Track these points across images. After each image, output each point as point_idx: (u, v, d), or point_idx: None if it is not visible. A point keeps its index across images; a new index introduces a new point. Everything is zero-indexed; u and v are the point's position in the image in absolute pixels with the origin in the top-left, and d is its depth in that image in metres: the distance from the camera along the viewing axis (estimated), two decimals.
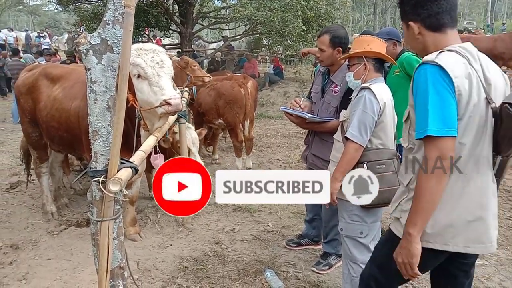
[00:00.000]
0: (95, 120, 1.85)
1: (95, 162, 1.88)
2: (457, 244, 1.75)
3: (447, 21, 1.75)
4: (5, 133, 9.29)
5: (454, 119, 1.62)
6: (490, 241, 1.77)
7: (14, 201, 5.03)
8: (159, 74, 2.89)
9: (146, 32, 11.91)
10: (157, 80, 2.86)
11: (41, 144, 4.43)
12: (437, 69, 1.64)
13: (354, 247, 2.66)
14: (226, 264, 3.55)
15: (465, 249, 1.76)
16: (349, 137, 2.47)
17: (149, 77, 2.88)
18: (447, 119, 1.61)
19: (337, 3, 10.84)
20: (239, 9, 8.81)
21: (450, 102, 1.62)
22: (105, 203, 1.87)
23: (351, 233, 2.66)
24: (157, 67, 2.92)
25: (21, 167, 6.40)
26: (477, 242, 1.76)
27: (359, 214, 2.60)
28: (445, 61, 1.64)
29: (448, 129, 1.60)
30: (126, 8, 1.71)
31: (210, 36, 28.46)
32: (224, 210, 4.71)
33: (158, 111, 2.84)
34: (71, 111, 3.73)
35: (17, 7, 42.67)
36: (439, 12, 1.73)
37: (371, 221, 2.63)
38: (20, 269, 3.48)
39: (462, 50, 1.71)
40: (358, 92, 2.58)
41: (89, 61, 1.80)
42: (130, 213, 4.01)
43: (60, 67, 4.55)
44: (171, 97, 2.78)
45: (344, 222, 2.69)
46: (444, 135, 1.60)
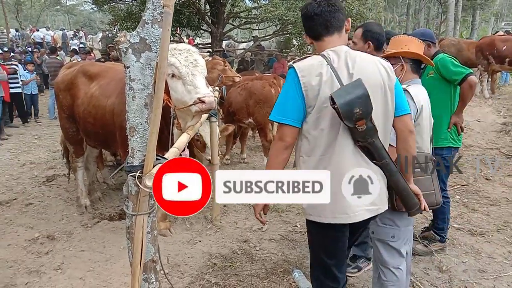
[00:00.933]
0: (133, 116, 1.89)
1: (132, 157, 1.93)
2: (325, 216, 2.06)
3: (322, 32, 2.12)
4: (42, 128, 9.64)
5: (292, 111, 2.04)
6: (353, 212, 2.04)
7: (50, 194, 5.23)
8: (193, 73, 2.94)
9: (177, 32, 12.07)
10: (191, 79, 2.91)
11: (77, 139, 4.58)
12: (292, 70, 2.06)
13: (385, 251, 2.60)
14: (254, 263, 3.57)
15: (333, 219, 2.06)
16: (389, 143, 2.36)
17: (183, 76, 2.93)
18: (283, 110, 2.06)
19: (369, 3, 10.67)
20: (270, 9, 8.81)
21: (292, 97, 2.03)
22: (141, 197, 1.92)
23: (383, 236, 2.60)
24: (191, 66, 2.97)
25: (56, 161, 6.68)
26: (342, 213, 2.04)
27: (391, 218, 2.54)
28: (299, 63, 2.06)
29: (283, 117, 2.05)
30: (165, 7, 1.75)
31: (240, 36, 28.60)
32: (252, 209, 4.73)
33: (192, 109, 2.89)
34: (107, 108, 3.83)
35: (55, 7, 44.15)
36: (311, 27, 2.15)
37: (403, 225, 2.57)
38: (55, 259, 3.61)
39: (328, 53, 2.07)
40: None
41: (128, 59, 1.85)
42: (160, 209, 4.05)
43: (98, 65, 4.67)
44: (205, 95, 2.83)
45: (376, 225, 2.62)
46: (279, 122, 2.07)
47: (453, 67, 3.38)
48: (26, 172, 6.19)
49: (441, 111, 3.39)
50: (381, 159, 2.07)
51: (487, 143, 7.38)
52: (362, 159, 2.06)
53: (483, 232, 4.12)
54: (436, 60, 3.47)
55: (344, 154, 2.03)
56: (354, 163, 2.04)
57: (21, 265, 3.52)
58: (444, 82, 3.48)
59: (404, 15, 33.17)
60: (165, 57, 1.79)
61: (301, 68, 2.04)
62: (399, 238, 2.57)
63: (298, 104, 2.03)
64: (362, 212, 2.08)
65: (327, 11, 2.09)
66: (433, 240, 3.75)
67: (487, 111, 8.77)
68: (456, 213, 4.59)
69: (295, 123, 2.05)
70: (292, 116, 2.05)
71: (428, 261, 3.61)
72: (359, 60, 2.07)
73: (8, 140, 8.26)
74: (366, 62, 2.08)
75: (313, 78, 2.01)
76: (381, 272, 2.63)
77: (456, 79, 3.39)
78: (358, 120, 1.93)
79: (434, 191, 2.51)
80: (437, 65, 3.45)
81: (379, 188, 2.10)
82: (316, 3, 2.11)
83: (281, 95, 2.11)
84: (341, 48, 2.10)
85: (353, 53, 2.10)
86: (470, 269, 3.49)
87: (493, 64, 10.03)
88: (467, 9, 25.76)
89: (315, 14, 2.10)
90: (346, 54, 2.07)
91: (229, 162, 6.59)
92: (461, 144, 3.70)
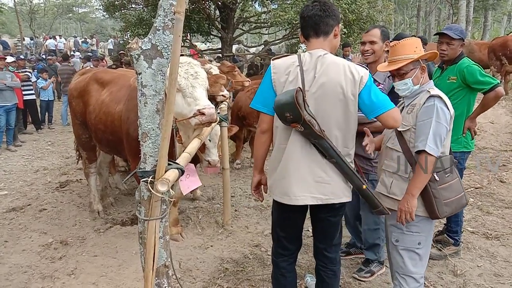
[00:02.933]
0: (145, 122, 1.90)
1: (144, 163, 1.95)
2: (276, 195, 2.40)
3: (310, 33, 2.32)
4: (55, 134, 9.76)
5: (266, 100, 2.33)
6: (294, 196, 2.30)
7: (63, 199, 5.28)
8: (193, 85, 2.94)
9: (187, 37, 12.14)
10: (191, 91, 2.91)
11: (90, 145, 4.62)
12: (270, 66, 2.34)
13: (410, 259, 2.51)
14: (265, 267, 3.56)
15: (280, 199, 2.37)
16: (428, 151, 2.30)
17: (182, 88, 2.93)
18: (260, 99, 2.37)
19: (379, 5, 10.62)
20: (279, 13, 8.79)
21: (266, 90, 2.33)
22: (153, 202, 1.93)
23: (410, 244, 2.50)
24: (191, 78, 2.97)
25: (69, 167, 6.76)
26: (285, 195, 2.34)
27: (419, 225, 2.46)
28: (276, 61, 2.33)
29: (259, 106, 2.36)
30: (176, 14, 1.76)
31: (249, 41, 28.68)
32: (264, 213, 4.74)
33: (192, 122, 2.86)
34: (115, 114, 3.86)
35: (67, 15, 44.86)
36: (303, 27, 2.35)
37: (428, 230, 2.51)
38: (69, 264, 3.65)
39: (306, 54, 2.29)
40: (425, 100, 2.41)
41: (140, 65, 1.87)
42: (172, 214, 4.08)
43: (111, 72, 4.68)
44: (205, 107, 2.79)
45: (401, 233, 2.52)
46: (256, 109, 2.38)
47: (481, 76, 3.34)
48: (39, 178, 6.28)
49: (456, 116, 3.35)
50: (330, 157, 2.26)
51: (501, 145, 7.28)
52: (313, 153, 2.28)
53: (499, 236, 4.06)
54: (462, 67, 3.40)
55: (295, 147, 2.29)
56: (303, 155, 2.28)
57: (35, 270, 3.56)
58: (465, 89, 3.43)
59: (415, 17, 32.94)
60: (177, 63, 1.80)
61: (275, 65, 2.31)
62: (425, 245, 2.52)
63: (271, 95, 2.31)
64: (305, 198, 2.31)
65: (318, 15, 2.27)
66: (447, 244, 3.70)
67: (501, 112, 8.65)
68: (470, 216, 4.53)
69: (269, 111, 2.34)
70: (266, 105, 2.33)
71: (442, 265, 3.57)
72: (327, 65, 2.23)
73: (22, 147, 8.38)
74: (333, 68, 2.23)
75: (282, 75, 2.28)
76: (403, 281, 2.55)
77: (482, 89, 3.36)
78: (292, 123, 2.18)
79: (463, 192, 2.50)
80: (463, 72, 3.38)
81: (331, 181, 2.30)
82: (311, 6, 2.30)
83: (260, 86, 2.39)
84: (317, 52, 2.28)
85: (328, 58, 2.26)
86: (485, 273, 3.44)
87: (506, 65, 9.89)
88: (478, 10, 25.47)
89: (307, 16, 2.30)
90: (319, 58, 2.25)
91: (239, 166, 6.60)
92: (474, 147, 3.66)
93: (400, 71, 2.50)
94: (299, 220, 2.53)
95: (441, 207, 2.38)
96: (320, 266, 2.60)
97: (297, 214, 2.47)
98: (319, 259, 2.60)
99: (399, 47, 2.52)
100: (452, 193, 2.42)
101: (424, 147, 2.30)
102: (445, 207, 2.39)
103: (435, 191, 2.37)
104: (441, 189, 2.38)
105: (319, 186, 2.30)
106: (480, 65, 3.54)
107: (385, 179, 2.58)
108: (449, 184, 2.40)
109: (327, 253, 2.54)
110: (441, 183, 2.39)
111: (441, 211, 2.38)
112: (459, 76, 3.42)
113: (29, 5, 30.86)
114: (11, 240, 4.12)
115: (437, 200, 2.37)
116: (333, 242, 2.54)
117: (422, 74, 2.49)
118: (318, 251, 2.60)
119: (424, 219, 2.45)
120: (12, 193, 5.58)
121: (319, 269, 2.61)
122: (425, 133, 2.33)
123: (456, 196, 2.44)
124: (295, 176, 2.31)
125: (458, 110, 3.37)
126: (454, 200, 2.42)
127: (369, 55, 3.13)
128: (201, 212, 4.81)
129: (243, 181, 5.98)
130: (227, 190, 4.44)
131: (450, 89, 3.41)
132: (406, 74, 2.49)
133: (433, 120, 2.32)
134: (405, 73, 2.49)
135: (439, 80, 3.55)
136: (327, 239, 2.54)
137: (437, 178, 2.37)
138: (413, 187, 2.37)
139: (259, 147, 2.48)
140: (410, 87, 2.50)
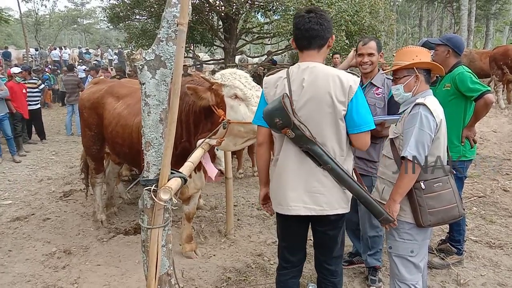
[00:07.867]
0: (148, 131, 1.94)
1: (147, 171, 1.97)
2: (274, 204, 2.42)
3: (304, 45, 2.29)
4: (59, 144, 9.82)
5: (261, 114, 2.32)
6: (287, 206, 2.32)
7: (67, 209, 5.31)
8: (257, 95, 3.01)
9: (191, 48, 12.24)
10: (256, 101, 2.94)
11: (99, 156, 4.68)
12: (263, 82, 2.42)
13: (403, 266, 2.53)
14: (268, 277, 3.56)
15: (276, 208, 2.41)
16: (408, 157, 2.33)
17: (248, 98, 3.04)
18: (257, 115, 2.43)
19: (381, 16, 10.67)
20: (282, 24, 8.85)
21: (262, 104, 2.39)
22: (156, 211, 1.95)
23: (402, 252, 2.53)
24: (254, 89, 3.09)
25: (73, 176, 6.79)
26: (279, 205, 2.36)
27: (411, 232, 2.48)
28: (267, 77, 2.40)
29: (256, 120, 2.44)
30: (179, 25, 1.80)
31: (252, 51, 28.86)
32: (266, 222, 4.74)
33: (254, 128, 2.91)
34: (133, 126, 3.84)
35: (72, 26, 45.39)
36: (297, 38, 2.31)
37: (422, 239, 2.51)
38: (72, 274, 3.66)
39: (293, 66, 2.31)
40: (411, 108, 2.43)
41: (143, 76, 1.91)
42: (186, 230, 3.98)
43: (127, 87, 4.51)
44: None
45: (394, 240, 2.55)
46: (255, 124, 2.48)
47: (471, 83, 3.32)
48: (43, 187, 6.31)
49: (453, 124, 3.33)
50: (324, 164, 2.23)
51: (504, 154, 7.27)
52: (307, 162, 2.27)
53: (502, 245, 4.04)
54: (455, 74, 3.41)
55: (289, 156, 2.30)
56: (297, 165, 2.29)
57: (39, 280, 3.57)
58: (459, 96, 3.42)
59: (417, 26, 33.12)
60: (180, 73, 1.84)
61: (266, 81, 2.40)
62: (418, 253, 2.52)
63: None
64: (298, 208, 2.30)
65: (314, 29, 2.23)
66: (450, 253, 3.69)
67: (503, 121, 8.65)
68: (473, 225, 4.51)
69: (264, 124, 2.37)
70: (260, 118, 2.36)
71: (445, 274, 3.55)
72: (315, 75, 2.23)
73: (26, 157, 8.43)
74: (321, 77, 2.22)
75: (272, 90, 2.34)
76: (397, 287, 2.58)
77: (472, 96, 3.34)
78: (282, 128, 2.19)
79: (457, 203, 2.48)
80: (455, 79, 3.39)
81: (326, 191, 2.27)
82: (307, 18, 2.24)
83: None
84: (306, 64, 2.28)
85: (316, 68, 2.25)
86: (489, 283, 3.42)
87: (508, 74, 9.91)
88: (480, 19, 25.59)
89: (304, 28, 2.25)
90: (306, 69, 2.26)
91: (242, 176, 6.61)
92: (475, 156, 3.65)
93: (395, 76, 2.59)
94: (299, 230, 2.49)
95: (425, 216, 2.38)
96: (321, 277, 2.58)
97: (295, 223, 2.44)
98: (320, 270, 2.58)
99: (401, 52, 2.60)
100: (440, 203, 2.40)
101: (404, 153, 2.35)
102: (429, 216, 2.39)
103: (420, 199, 2.39)
104: (427, 197, 2.39)
105: (312, 196, 2.28)
106: (481, 74, 3.55)
107: (379, 185, 2.65)
108: (437, 193, 2.40)
109: (328, 265, 2.52)
110: (428, 191, 2.39)
111: (424, 219, 2.38)
112: (452, 83, 3.43)
113: (35, 17, 31.23)
114: (15, 249, 4.14)
115: (422, 208, 2.38)
116: (333, 254, 2.51)
117: (416, 83, 2.51)
118: (318, 262, 2.58)
119: (416, 226, 2.45)
120: (16, 202, 5.62)
121: (320, 280, 2.60)
122: (408, 140, 2.37)
123: (445, 207, 2.41)
124: (288, 185, 2.31)
125: (455, 118, 3.38)
126: (441, 210, 2.40)
127: (368, 66, 3.23)
128: (204, 221, 4.82)
129: (245, 191, 6.00)
130: (230, 199, 4.45)
131: (446, 97, 3.41)
132: (399, 80, 2.55)
133: (416, 128, 2.35)
134: (398, 78, 2.56)
135: (437, 89, 3.57)
136: (326, 252, 2.52)
137: (423, 187, 2.39)
138: (395, 192, 2.42)
139: (258, 159, 2.54)
140: (401, 93, 2.55)
